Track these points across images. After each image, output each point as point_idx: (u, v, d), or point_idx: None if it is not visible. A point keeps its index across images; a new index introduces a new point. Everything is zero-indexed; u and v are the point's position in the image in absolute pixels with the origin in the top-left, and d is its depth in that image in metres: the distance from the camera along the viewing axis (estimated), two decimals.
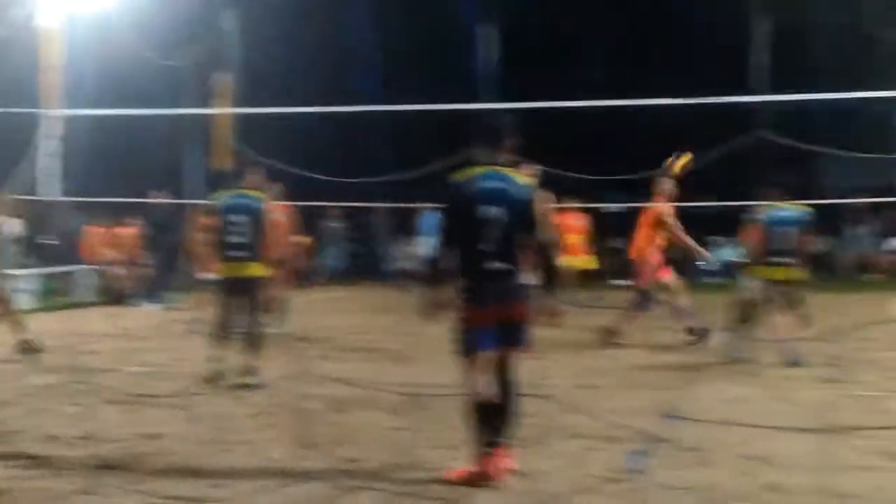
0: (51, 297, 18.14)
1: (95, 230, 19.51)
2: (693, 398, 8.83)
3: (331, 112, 14.95)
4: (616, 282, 22.03)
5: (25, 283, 16.98)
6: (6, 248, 15.79)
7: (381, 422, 7.88)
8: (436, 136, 19.53)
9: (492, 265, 6.22)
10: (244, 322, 9.80)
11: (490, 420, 6.26)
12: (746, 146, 13.55)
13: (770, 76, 20.44)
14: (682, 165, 12.01)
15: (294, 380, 9.40)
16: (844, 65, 23.79)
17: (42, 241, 20.01)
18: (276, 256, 10.32)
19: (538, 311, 6.42)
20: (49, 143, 19.94)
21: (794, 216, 11.15)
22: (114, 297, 18.50)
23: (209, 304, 10.26)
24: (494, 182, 6.32)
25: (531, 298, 6.40)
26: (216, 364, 9.63)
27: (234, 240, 9.72)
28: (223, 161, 19.81)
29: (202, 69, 21.12)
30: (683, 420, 7.59)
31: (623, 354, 11.56)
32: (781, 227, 11.06)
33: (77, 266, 19.32)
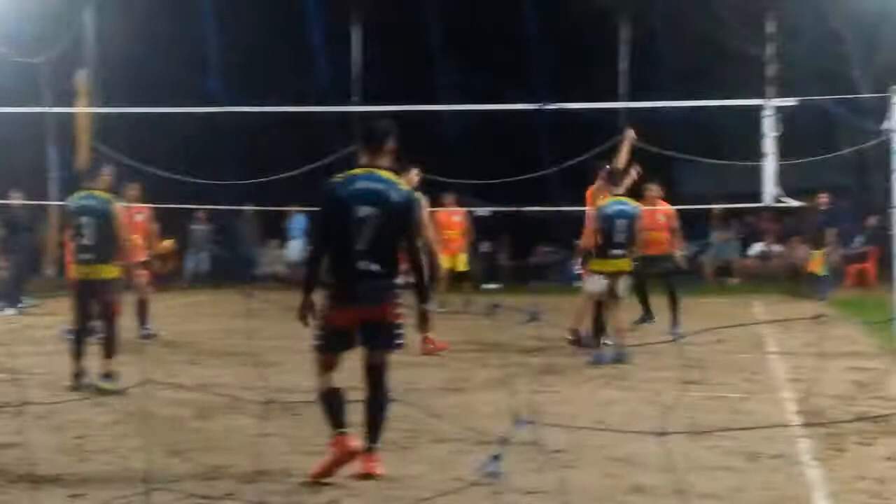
0: None
1: None
2: (561, 401, 8.94)
3: (188, 112, 14.69)
4: (486, 286, 22.27)
5: None
6: None
7: (247, 428, 7.74)
8: (301, 139, 19.42)
9: (363, 266, 6.26)
10: (100, 326, 9.59)
11: (338, 407, 6.38)
12: (607, 151, 13.76)
13: (630, 82, 20.85)
14: None
15: (157, 386, 9.17)
16: (704, 73, 24.50)
17: None
18: (126, 258, 10.08)
19: (409, 314, 6.49)
20: None
21: (629, 210, 11.48)
22: None
23: (68, 308, 10.00)
24: (372, 183, 6.38)
25: (402, 300, 6.45)
26: (76, 370, 9.38)
27: (83, 242, 9.61)
28: (85, 160, 19.29)
29: (61, 67, 20.52)
30: (551, 423, 7.64)
31: (492, 358, 11.61)
32: (616, 221, 11.37)
33: None
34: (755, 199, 12.67)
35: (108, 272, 9.55)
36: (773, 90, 15.32)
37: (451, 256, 16.92)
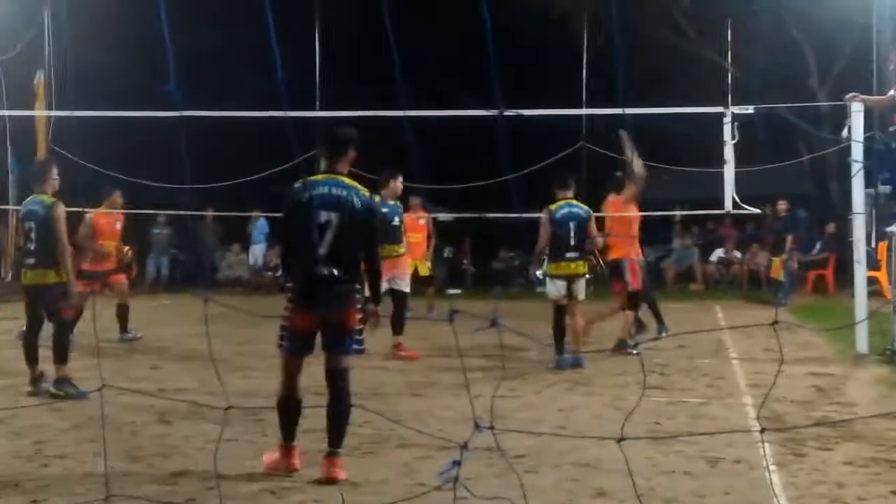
0: None
1: None
2: (524, 406, 8.95)
3: (147, 116, 14.57)
4: (450, 291, 22.23)
5: None
6: None
7: (210, 433, 7.69)
8: (265, 143, 19.20)
9: (323, 270, 6.31)
10: (52, 330, 9.49)
11: (293, 417, 6.51)
12: (569, 158, 13.82)
13: (589, 90, 20.91)
14: None
15: (118, 390, 9.10)
16: (663, 80, 24.68)
17: None
18: (67, 264, 9.94)
19: (365, 317, 6.59)
20: None
21: (581, 212, 11.49)
22: None
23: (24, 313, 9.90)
24: (333, 189, 6.45)
25: (361, 305, 6.50)
26: (33, 374, 9.29)
27: (28, 246, 9.55)
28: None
29: (19, 68, 20.30)
30: (514, 429, 7.66)
31: (455, 363, 11.58)
32: (568, 224, 11.37)
33: None
34: (717, 206, 12.77)
35: (52, 277, 9.39)
36: (731, 98, 15.48)
37: (414, 260, 16.89)
